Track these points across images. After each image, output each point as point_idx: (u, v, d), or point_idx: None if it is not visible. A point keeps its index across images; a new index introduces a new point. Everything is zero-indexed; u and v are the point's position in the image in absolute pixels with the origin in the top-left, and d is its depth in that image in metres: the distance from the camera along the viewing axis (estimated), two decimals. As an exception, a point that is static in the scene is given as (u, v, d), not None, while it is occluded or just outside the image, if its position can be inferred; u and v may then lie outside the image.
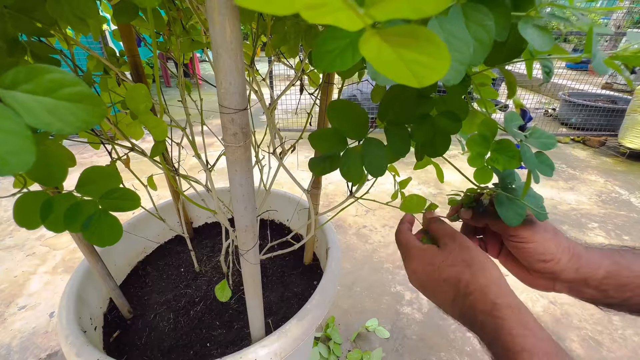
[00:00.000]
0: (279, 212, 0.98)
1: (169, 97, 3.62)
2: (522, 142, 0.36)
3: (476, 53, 0.23)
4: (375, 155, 0.37)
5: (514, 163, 0.36)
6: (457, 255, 0.38)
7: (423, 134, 0.38)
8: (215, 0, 0.25)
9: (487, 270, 0.36)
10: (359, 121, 0.36)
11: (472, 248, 0.39)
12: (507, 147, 0.37)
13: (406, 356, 1.05)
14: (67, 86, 0.18)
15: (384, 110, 0.37)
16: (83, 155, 2.36)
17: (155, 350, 0.64)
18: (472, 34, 0.23)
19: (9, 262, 1.42)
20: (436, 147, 0.39)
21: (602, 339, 1.11)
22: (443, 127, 0.38)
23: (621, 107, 2.80)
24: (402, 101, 0.36)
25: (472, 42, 0.22)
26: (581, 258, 0.39)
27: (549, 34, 0.25)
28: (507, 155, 0.37)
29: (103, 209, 0.38)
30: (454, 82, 0.22)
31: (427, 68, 0.11)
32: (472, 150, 0.37)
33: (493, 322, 0.32)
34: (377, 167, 0.37)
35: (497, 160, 0.37)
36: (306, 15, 0.10)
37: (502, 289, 0.35)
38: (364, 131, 0.37)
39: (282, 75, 3.35)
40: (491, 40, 0.23)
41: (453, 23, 0.22)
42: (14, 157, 0.16)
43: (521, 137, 0.36)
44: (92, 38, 0.41)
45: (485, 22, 0.23)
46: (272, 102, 0.61)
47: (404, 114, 0.37)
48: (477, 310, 0.34)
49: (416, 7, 0.10)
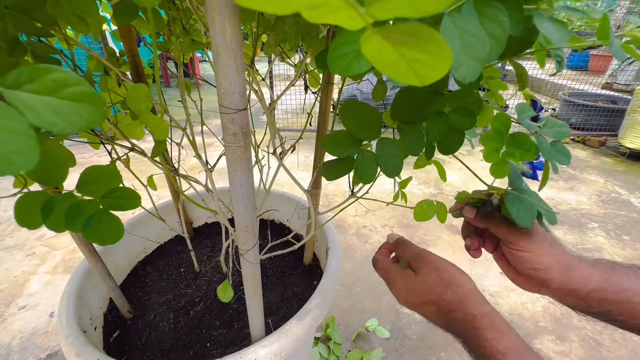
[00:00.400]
0: (279, 212, 0.98)
1: (169, 97, 3.61)
2: (537, 134, 0.35)
3: (492, 49, 0.23)
4: (391, 155, 0.37)
5: (530, 155, 0.36)
6: (433, 279, 0.41)
7: (439, 131, 0.37)
8: (215, 0, 0.25)
9: (463, 286, 0.40)
10: (372, 122, 0.36)
11: (445, 267, 0.42)
12: (522, 140, 0.36)
13: (406, 356, 1.05)
14: (70, 86, 0.18)
15: (397, 109, 0.37)
16: (83, 155, 2.36)
17: (155, 350, 0.64)
18: (486, 30, 0.22)
19: (9, 262, 1.42)
20: (450, 144, 0.39)
21: (602, 339, 1.11)
22: (457, 124, 0.38)
23: (621, 107, 2.80)
24: (415, 99, 0.36)
25: (488, 39, 0.22)
26: (573, 271, 0.41)
27: (565, 27, 0.25)
28: (522, 148, 0.36)
29: (104, 208, 0.38)
30: (471, 79, 0.22)
31: (428, 66, 0.11)
32: (487, 145, 0.37)
33: (473, 332, 0.37)
34: (393, 167, 0.37)
35: (513, 154, 0.36)
36: (307, 14, 0.10)
37: (477, 300, 0.39)
38: (377, 132, 0.37)
39: (282, 75, 3.35)
40: (506, 36, 0.22)
41: (466, 20, 0.22)
42: (18, 157, 0.16)
43: (535, 129, 0.36)
44: (92, 38, 0.41)
45: (499, 18, 0.22)
46: (272, 102, 0.61)
47: (417, 112, 0.36)
48: (458, 321, 0.38)
49: (416, 6, 0.10)
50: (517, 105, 0.37)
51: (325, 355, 1.02)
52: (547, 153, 0.35)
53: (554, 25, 0.25)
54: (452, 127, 0.38)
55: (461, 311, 0.38)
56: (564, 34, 0.25)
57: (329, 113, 0.60)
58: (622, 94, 3.38)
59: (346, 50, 0.18)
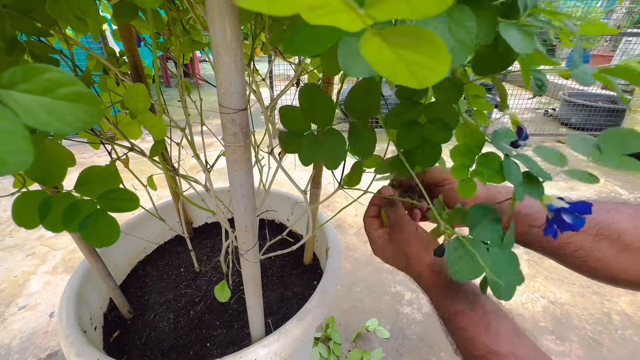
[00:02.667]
0: (278, 212, 0.98)
1: (168, 97, 3.61)
2: (507, 157, 0.33)
3: (456, 54, 0.22)
4: (332, 144, 0.37)
5: (497, 178, 0.34)
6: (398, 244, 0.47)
7: (409, 140, 0.37)
8: (215, 0, 0.25)
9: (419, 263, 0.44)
10: (325, 109, 0.36)
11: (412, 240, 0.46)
12: (492, 161, 0.35)
13: (406, 356, 1.05)
14: (64, 86, 0.17)
15: (352, 103, 0.36)
16: (83, 155, 2.36)
17: (155, 350, 0.64)
18: (453, 34, 0.22)
19: (9, 262, 1.42)
20: (426, 157, 0.38)
21: (602, 339, 1.11)
22: (432, 136, 0.37)
23: (621, 107, 2.80)
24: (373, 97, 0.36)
25: (452, 43, 0.22)
26: None
27: (530, 38, 0.25)
28: (491, 168, 0.35)
29: (101, 208, 0.37)
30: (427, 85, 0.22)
31: (426, 69, 0.11)
32: (455, 160, 0.36)
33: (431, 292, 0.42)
34: (331, 158, 0.37)
35: (480, 173, 0.35)
36: (307, 16, 0.10)
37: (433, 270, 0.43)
38: (329, 120, 0.37)
39: (282, 75, 3.34)
40: (472, 42, 0.22)
41: (435, 23, 0.22)
42: (12, 157, 0.16)
43: (508, 152, 0.33)
44: (91, 38, 0.41)
45: (466, 23, 0.22)
46: (272, 102, 0.61)
47: (370, 110, 0.36)
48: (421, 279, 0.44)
49: (414, 8, 0.10)
50: (499, 130, 0.35)
51: (325, 355, 1.02)
52: (513, 179, 0.32)
53: (519, 34, 0.25)
54: (425, 139, 0.37)
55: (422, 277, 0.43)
56: (528, 44, 0.24)
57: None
58: (622, 94, 3.37)
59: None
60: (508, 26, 0.25)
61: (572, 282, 1.34)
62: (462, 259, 0.31)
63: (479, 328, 0.34)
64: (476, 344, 0.34)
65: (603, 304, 1.25)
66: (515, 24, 0.25)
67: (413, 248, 0.44)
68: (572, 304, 1.24)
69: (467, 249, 0.31)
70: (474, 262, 0.30)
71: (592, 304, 1.25)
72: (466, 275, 0.30)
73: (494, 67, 0.30)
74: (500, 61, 0.29)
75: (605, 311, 1.22)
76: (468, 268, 0.30)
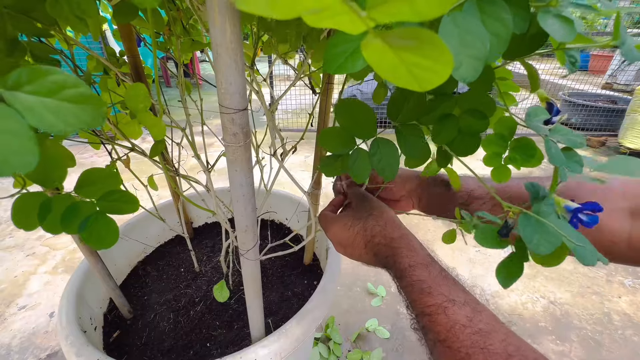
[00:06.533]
0: (279, 213, 0.98)
1: (169, 97, 3.61)
2: (546, 137, 0.33)
3: (493, 48, 0.22)
4: (385, 155, 0.36)
5: (532, 162, 0.34)
6: (360, 209, 0.46)
7: (446, 135, 0.36)
8: (215, 0, 0.25)
9: (384, 213, 0.45)
10: (366, 120, 0.36)
11: (371, 200, 0.48)
12: (526, 146, 0.34)
13: (406, 356, 1.05)
14: (69, 87, 0.18)
15: (394, 110, 0.36)
16: (83, 155, 2.35)
17: (155, 350, 0.64)
18: (488, 28, 0.22)
19: (9, 262, 1.42)
20: (467, 147, 0.37)
21: (602, 339, 1.11)
22: (469, 127, 0.36)
23: (621, 107, 2.80)
24: (413, 100, 0.35)
25: (488, 37, 0.21)
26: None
27: (571, 24, 0.24)
28: (526, 154, 0.34)
29: (100, 210, 0.37)
30: (470, 80, 0.21)
31: (428, 72, 0.11)
32: (488, 149, 0.35)
33: (392, 252, 0.41)
34: (387, 166, 0.36)
35: (514, 159, 0.35)
36: (308, 19, 0.10)
37: (395, 225, 0.44)
38: (373, 130, 0.36)
39: (283, 75, 3.34)
40: (509, 34, 0.22)
41: (467, 19, 0.21)
42: (17, 158, 0.16)
43: (545, 132, 0.33)
44: (91, 38, 0.41)
45: (502, 16, 0.22)
46: (273, 102, 0.61)
47: (416, 113, 0.36)
48: (382, 247, 0.42)
49: (417, 10, 0.10)
50: (530, 108, 0.35)
51: (325, 355, 1.02)
52: (556, 159, 0.32)
53: (558, 22, 0.24)
54: (461, 130, 0.36)
55: (382, 236, 0.42)
56: (568, 32, 0.24)
57: (329, 113, 0.60)
58: (622, 94, 3.38)
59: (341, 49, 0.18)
60: (545, 15, 0.24)
61: (572, 282, 1.34)
62: (537, 232, 0.31)
63: (437, 279, 0.37)
64: (433, 294, 0.35)
65: (603, 304, 1.25)
66: (551, 11, 0.24)
67: (378, 203, 0.47)
68: (572, 304, 1.24)
69: (540, 221, 0.31)
70: (549, 233, 0.31)
71: (592, 304, 1.25)
72: (546, 246, 0.30)
73: (523, 51, 0.29)
74: (530, 44, 0.29)
75: (605, 311, 1.22)
76: (546, 238, 0.31)
